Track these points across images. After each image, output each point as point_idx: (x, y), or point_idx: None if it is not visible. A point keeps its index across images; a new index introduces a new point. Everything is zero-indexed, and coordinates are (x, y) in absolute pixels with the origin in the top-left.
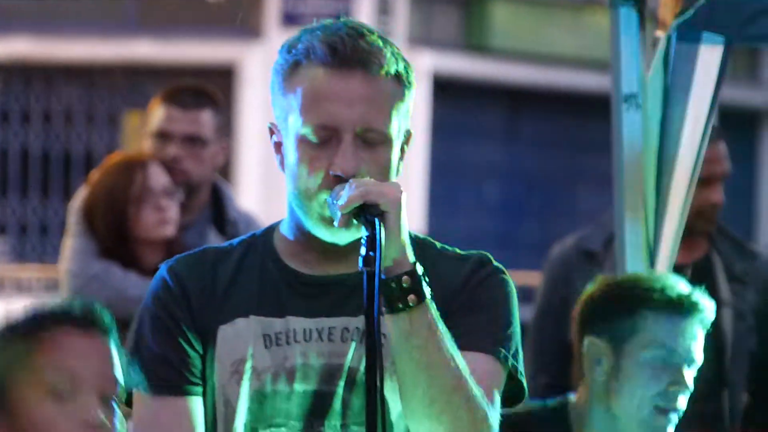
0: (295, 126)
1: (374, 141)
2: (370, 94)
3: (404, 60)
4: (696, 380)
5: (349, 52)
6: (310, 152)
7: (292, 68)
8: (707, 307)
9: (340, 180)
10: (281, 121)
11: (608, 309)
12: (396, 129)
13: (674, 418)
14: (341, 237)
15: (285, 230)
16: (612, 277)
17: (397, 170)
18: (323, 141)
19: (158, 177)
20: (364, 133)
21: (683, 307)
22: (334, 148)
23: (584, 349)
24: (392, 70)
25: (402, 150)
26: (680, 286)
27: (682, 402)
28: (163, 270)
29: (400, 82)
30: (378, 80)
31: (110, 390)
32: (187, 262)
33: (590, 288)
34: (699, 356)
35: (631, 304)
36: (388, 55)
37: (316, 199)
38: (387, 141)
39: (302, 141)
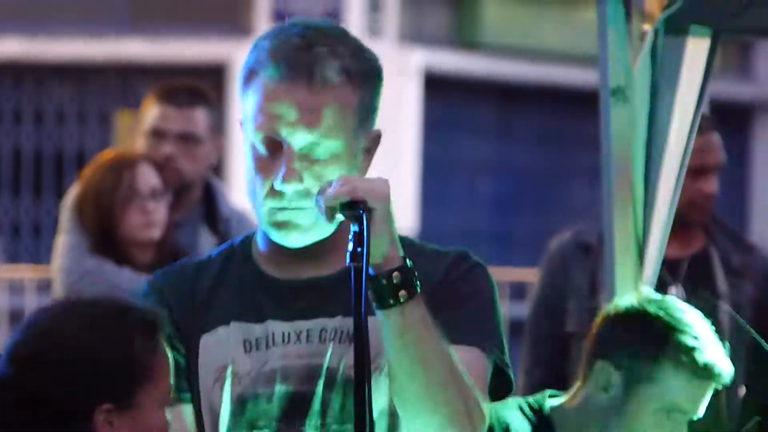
0: (248, 132)
1: (319, 155)
2: (316, 106)
3: (363, 57)
4: None
5: (293, 64)
6: (259, 161)
7: (248, 75)
8: (729, 373)
9: (283, 195)
10: (243, 122)
11: (632, 344)
12: (349, 138)
13: None
14: (291, 240)
15: (258, 237)
16: (643, 304)
17: (364, 174)
18: (271, 152)
19: (146, 178)
20: (308, 147)
21: (706, 376)
22: (280, 160)
23: (595, 369)
24: (343, 77)
25: (369, 152)
26: (711, 348)
27: None
28: (145, 286)
29: (357, 84)
30: (325, 91)
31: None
32: (167, 276)
33: (618, 307)
34: (703, 411)
35: (656, 351)
36: (340, 60)
37: (264, 206)
38: (333, 156)
39: (254, 149)
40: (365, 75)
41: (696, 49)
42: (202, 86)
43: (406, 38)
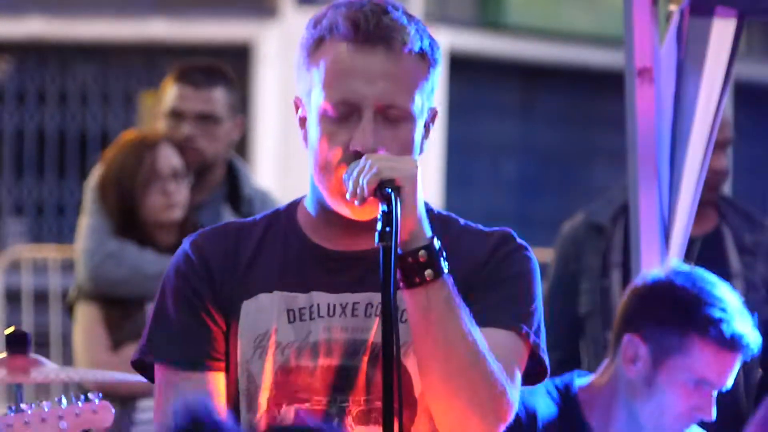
0: (317, 101)
1: (395, 118)
2: (392, 70)
3: (430, 37)
4: None
5: (371, 28)
6: (330, 127)
7: (316, 43)
8: (756, 344)
9: (360, 155)
10: (305, 95)
11: (662, 317)
12: (419, 107)
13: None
14: (361, 213)
15: (308, 205)
16: (670, 276)
17: (421, 148)
18: (344, 116)
19: (167, 159)
20: (385, 109)
21: (734, 347)
22: (355, 123)
23: (624, 343)
24: (416, 48)
25: (426, 128)
26: (738, 320)
27: (696, 426)
28: (185, 244)
29: (425, 59)
30: (401, 57)
31: None
32: (209, 236)
33: (646, 280)
34: (731, 382)
35: (685, 324)
36: (413, 32)
37: (335, 175)
38: (408, 118)
39: (323, 116)
40: (429, 53)
41: (722, 31)
42: (220, 65)
43: (431, 19)
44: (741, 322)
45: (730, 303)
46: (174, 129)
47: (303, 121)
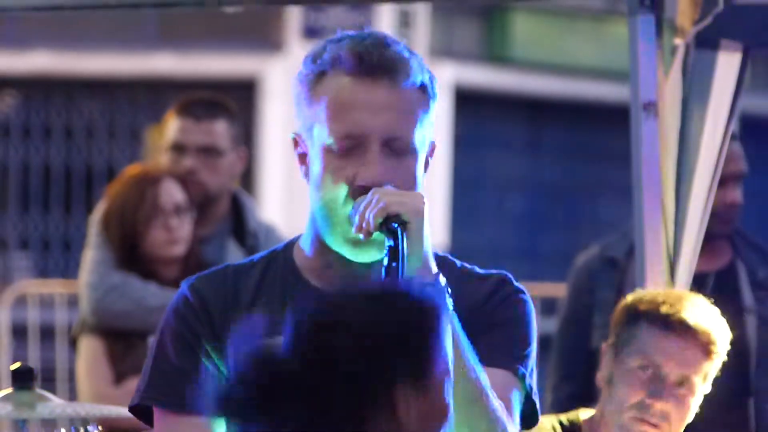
0: (320, 136)
1: (400, 150)
2: (396, 103)
3: (428, 71)
4: (721, 389)
5: (375, 61)
6: (335, 162)
7: (317, 78)
8: (712, 333)
9: (366, 190)
10: (306, 131)
11: (619, 319)
12: (420, 139)
13: None
14: (365, 256)
15: (305, 245)
16: (641, 292)
17: (423, 182)
18: (349, 150)
19: (170, 194)
20: (390, 142)
21: (679, 327)
22: (360, 158)
23: (600, 355)
24: (417, 81)
25: (426, 162)
26: (690, 306)
27: (664, 419)
28: (184, 287)
29: (425, 92)
30: (403, 90)
31: None
32: (208, 279)
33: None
34: (696, 379)
35: (634, 315)
36: (414, 65)
37: (341, 213)
38: (412, 151)
39: (327, 151)
40: (433, 86)
41: (727, 64)
42: (221, 98)
43: (436, 53)
44: (695, 309)
45: (689, 297)
46: (176, 162)
47: (303, 157)
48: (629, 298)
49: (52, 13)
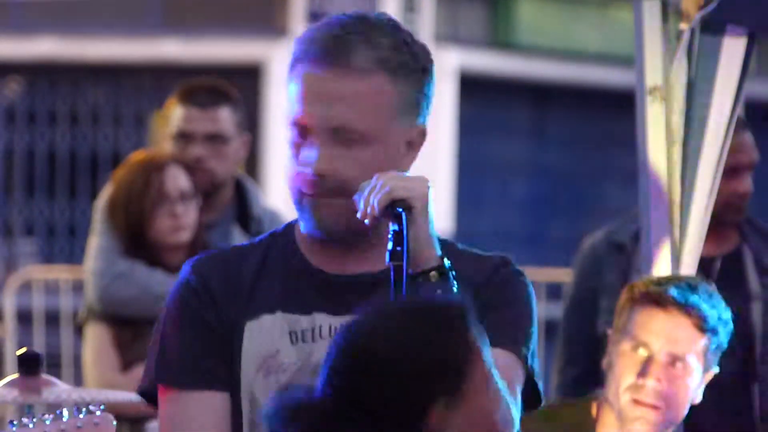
0: (288, 122)
1: (349, 140)
2: (349, 92)
3: (414, 51)
4: (725, 374)
5: (329, 50)
6: (295, 149)
7: (292, 64)
8: (704, 308)
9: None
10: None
11: (620, 304)
12: (382, 127)
13: (654, 414)
14: (334, 235)
15: (303, 226)
16: (644, 278)
17: (406, 168)
18: (304, 138)
19: (175, 181)
20: (337, 132)
21: (666, 305)
22: (309, 146)
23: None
24: (377, 65)
25: (411, 145)
26: (682, 285)
27: (659, 399)
28: (186, 268)
29: (394, 75)
30: (362, 78)
31: None
32: (210, 260)
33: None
34: (691, 358)
35: (630, 299)
36: (376, 50)
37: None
38: (365, 140)
39: (291, 138)
40: (405, 68)
41: (732, 49)
42: (223, 84)
43: (442, 38)
44: (687, 287)
45: (685, 278)
46: (183, 151)
47: None
48: (630, 286)
49: None
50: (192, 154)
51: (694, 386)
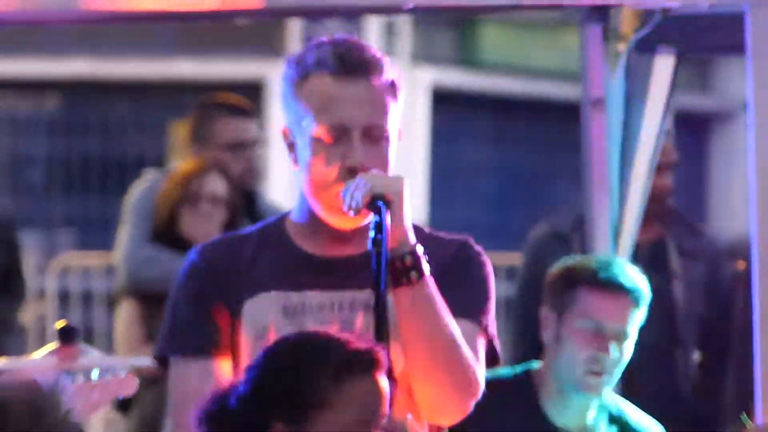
0: (308, 128)
1: (377, 137)
2: (373, 97)
3: (396, 70)
4: (654, 341)
5: (354, 61)
6: (324, 149)
7: (302, 78)
8: (639, 288)
9: (354, 171)
10: (294, 124)
11: (557, 284)
12: (391, 127)
13: (606, 380)
14: (348, 223)
15: (296, 217)
16: (570, 259)
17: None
18: (336, 139)
19: (211, 185)
20: (368, 130)
21: (613, 287)
22: (345, 144)
23: (541, 318)
24: (388, 78)
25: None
26: (618, 269)
27: (613, 367)
28: (192, 253)
29: (394, 87)
30: (378, 86)
31: None
32: (213, 245)
33: (552, 269)
34: (630, 329)
35: (573, 281)
36: (386, 65)
37: (332, 190)
38: (386, 137)
39: (317, 141)
40: (399, 82)
41: (662, 66)
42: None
43: (418, 58)
44: (622, 271)
45: (616, 261)
46: (238, 158)
47: (292, 146)
48: (561, 266)
49: (89, 25)
50: (250, 159)
51: (631, 350)
